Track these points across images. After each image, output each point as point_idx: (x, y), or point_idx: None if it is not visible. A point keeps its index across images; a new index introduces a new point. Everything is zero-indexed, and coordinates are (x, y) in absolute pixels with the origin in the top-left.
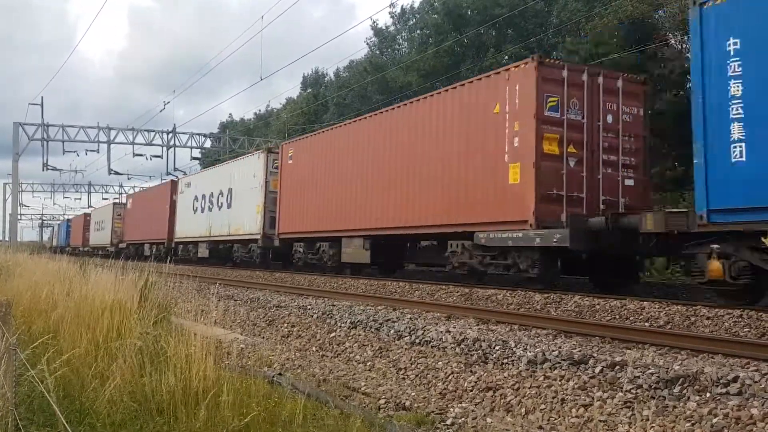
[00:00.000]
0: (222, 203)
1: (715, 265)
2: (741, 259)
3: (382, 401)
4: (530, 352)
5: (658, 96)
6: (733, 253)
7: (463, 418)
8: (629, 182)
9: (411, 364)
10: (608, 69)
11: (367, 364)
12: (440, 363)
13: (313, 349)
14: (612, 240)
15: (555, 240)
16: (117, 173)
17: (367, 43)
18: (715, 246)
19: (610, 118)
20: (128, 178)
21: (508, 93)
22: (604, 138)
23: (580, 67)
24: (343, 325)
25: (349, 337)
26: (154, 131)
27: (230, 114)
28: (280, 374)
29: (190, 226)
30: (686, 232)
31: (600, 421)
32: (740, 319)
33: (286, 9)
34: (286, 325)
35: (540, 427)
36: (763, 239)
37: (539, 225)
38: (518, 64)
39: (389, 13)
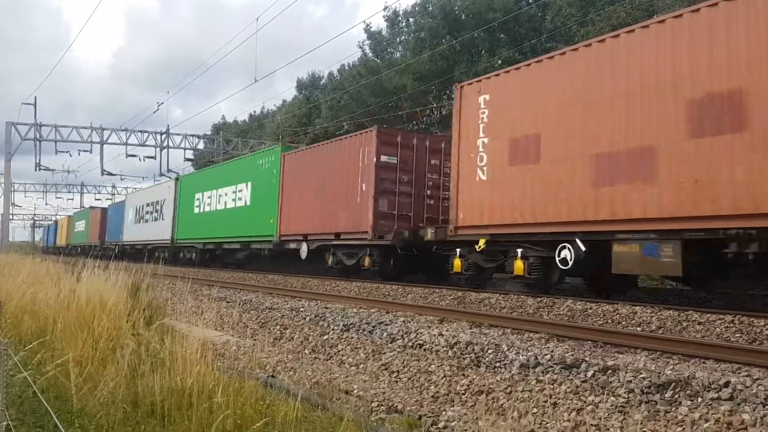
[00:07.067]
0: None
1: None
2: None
3: (374, 404)
4: (523, 356)
5: None
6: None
7: (455, 422)
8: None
9: (403, 367)
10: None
11: (360, 366)
12: (433, 366)
13: (306, 351)
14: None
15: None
16: (110, 174)
17: (360, 47)
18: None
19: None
20: (121, 179)
21: None
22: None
23: None
24: (335, 327)
25: (342, 340)
26: (147, 132)
27: (222, 116)
28: (272, 376)
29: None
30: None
31: (592, 425)
32: (732, 325)
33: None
34: (278, 327)
35: (532, 431)
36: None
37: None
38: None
39: (383, 17)
